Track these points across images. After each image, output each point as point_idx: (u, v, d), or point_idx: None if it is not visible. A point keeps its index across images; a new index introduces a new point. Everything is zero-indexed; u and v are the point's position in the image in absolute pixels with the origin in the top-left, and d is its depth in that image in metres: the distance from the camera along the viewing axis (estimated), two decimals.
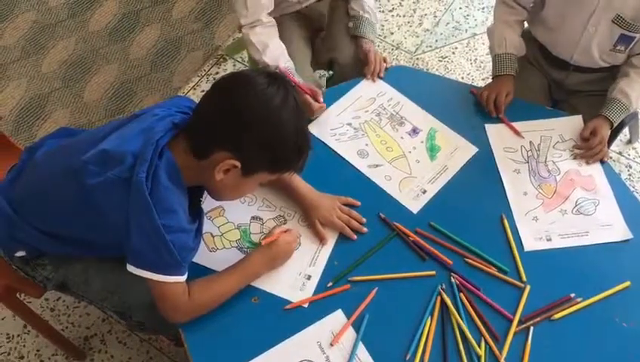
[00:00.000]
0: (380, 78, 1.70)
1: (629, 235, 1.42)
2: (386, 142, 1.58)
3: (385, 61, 1.72)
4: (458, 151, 1.57)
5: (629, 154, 2.35)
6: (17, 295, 1.57)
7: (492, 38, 1.75)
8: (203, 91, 2.44)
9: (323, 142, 1.55)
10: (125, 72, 2.47)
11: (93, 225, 1.23)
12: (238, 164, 1.15)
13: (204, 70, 2.50)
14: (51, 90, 2.41)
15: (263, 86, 1.13)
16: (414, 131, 1.60)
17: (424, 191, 1.49)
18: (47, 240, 1.30)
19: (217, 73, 2.49)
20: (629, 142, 2.35)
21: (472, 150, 1.57)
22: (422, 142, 1.59)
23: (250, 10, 1.65)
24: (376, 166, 1.53)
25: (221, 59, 2.53)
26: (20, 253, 1.34)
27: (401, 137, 1.59)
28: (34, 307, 1.81)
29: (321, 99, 1.59)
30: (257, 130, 1.13)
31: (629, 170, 2.31)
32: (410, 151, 1.57)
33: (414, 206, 1.46)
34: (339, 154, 1.54)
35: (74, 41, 2.54)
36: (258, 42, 1.66)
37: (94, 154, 1.17)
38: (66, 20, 2.60)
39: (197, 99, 2.32)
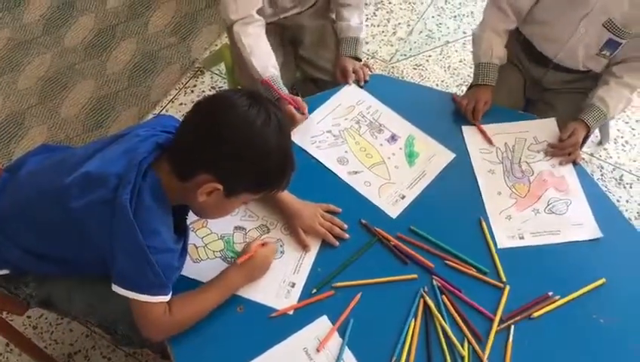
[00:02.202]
0: (363, 84, 1.73)
1: (598, 234, 1.46)
2: (365, 148, 1.61)
3: (367, 66, 1.76)
4: (436, 157, 1.60)
5: (600, 155, 2.41)
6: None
7: (479, 45, 1.75)
8: (181, 104, 2.45)
9: (304, 149, 1.57)
10: (102, 87, 2.47)
11: (78, 246, 1.23)
12: (220, 186, 1.15)
13: (182, 83, 2.51)
14: (28, 106, 2.39)
15: (245, 108, 1.13)
16: (393, 138, 1.63)
17: (403, 197, 1.52)
18: (30, 259, 1.29)
19: (195, 86, 2.50)
20: (600, 143, 2.41)
21: (450, 156, 1.61)
22: (400, 148, 1.62)
23: (239, 3, 1.66)
24: (356, 172, 1.55)
25: (198, 72, 2.55)
26: (3, 272, 1.34)
27: (380, 144, 1.62)
28: (16, 325, 1.79)
29: (306, 111, 1.61)
30: (239, 153, 1.13)
31: (600, 171, 2.37)
32: (389, 158, 1.60)
33: (393, 211, 1.49)
34: (319, 161, 1.56)
35: (50, 57, 2.54)
36: (248, 43, 1.68)
37: (77, 177, 1.17)
38: (41, 37, 2.59)
39: (175, 113, 2.40)
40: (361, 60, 1.81)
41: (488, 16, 1.75)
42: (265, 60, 1.68)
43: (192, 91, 2.49)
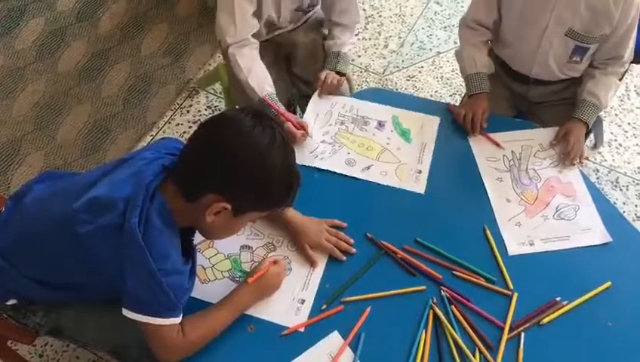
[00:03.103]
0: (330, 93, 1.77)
1: (608, 238, 1.48)
2: (363, 144, 1.65)
3: (348, 80, 1.81)
4: (425, 126, 1.69)
5: (595, 159, 2.44)
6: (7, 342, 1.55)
7: (462, 61, 1.82)
8: (178, 125, 2.46)
9: (307, 166, 1.58)
10: (98, 111, 2.47)
11: (87, 272, 1.23)
12: (228, 206, 1.16)
13: (178, 103, 2.52)
14: (24, 133, 2.39)
15: (250, 127, 1.14)
16: (380, 125, 1.69)
17: (419, 172, 1.59)
18: (38, 288, 1.29)
19: (191, 106, 2.51)
20: (595, 146, 2.44)
21: (436, 120, 1.70)
22: (392, 131, 1.68)
23: (238, 28, 1.68)
24: (368, 167, 1.59)
25: (193, 92, 2.55)
26: (11, 301, 1.33)
27: (373, 134, 1.67)
28: (22, 353, 1.78)
29: (309, 130, 1.63)
30: (246, 172, 1.14)
31: (596, 174, 2.40)
32: (387, 143, 1.65)
33: (419, 187, 1.56)
34: (322, 176, 1.57)
35: (44, 83, 2.54)
36: (244, 64, 1.70)
37: (85, 202, 1.17)
38: (35, 63, 2.59)
39: (173, 133, 2.40)
40: (344, 75, 1.83)
41: (462, 35, 1.84)
42: (261, 79, 1.70)
43: (188, 111, 2.49)
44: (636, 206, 2.32)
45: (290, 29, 1.92)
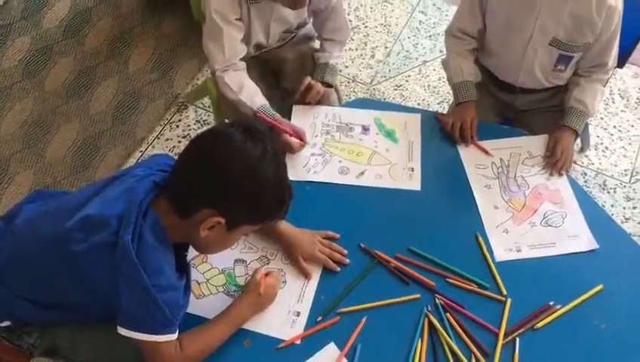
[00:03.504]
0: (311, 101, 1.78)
1: (594, 245, 1.49)
2: (352, 150, 1.67)
3: (336, 90, 1.84)
4: (408, 124, 1.73)
5: (582, 162, 2.47)
6: None
7: (448, 70, 1.84)
8: (167, 140, 2.46)
9: (301, 181, 1.58)
10: (87, 128, 2.47)
11: (82, 291, 1.22)
12: (222, 220, 1.16)
13: (167, 119, 2.52)
14: (12, 152, 2.38)
15: (240, 141, 1.15)
16: (365, 129, 1.72)
17: (412, 169, 1.62)
18: (32, 308, 1.28)
19: (180, 120, 2.51)
20: (581, 150, 2.46)
21: (417, 117, 1.74)
22: (377, 133, 1.71)
23: (227, 55, 1.70)
24: (362, 173, 1.62)
25: (182, 107, 2.56)
26: (5, 323, 1.32)
27: (360, 139, 1.69)
28: None
29: (306, 138, 1.65)
30: (239, 186, 1.14)
31: (584, 177, 2.42)
32: (376, 146, 1.68)
33: (414, 185, 1.59)
34: (314, 189, 1.58)
35: (31, 101, 2.53)
36: (233, 83, 1.71)
37: (77, 221, 1.17)
38: (21, 81, 2.59)
39: (162, 149, 2.40)
40: (331, 86, 1.85)
41: (448, 44, 1.86)
42: (252, 93, 1.71)
43: (178, 126, 2.50)
44: (624, 208, 2.35)
45: (278, 46, 1.93)
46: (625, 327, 1.37)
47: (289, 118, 1.74)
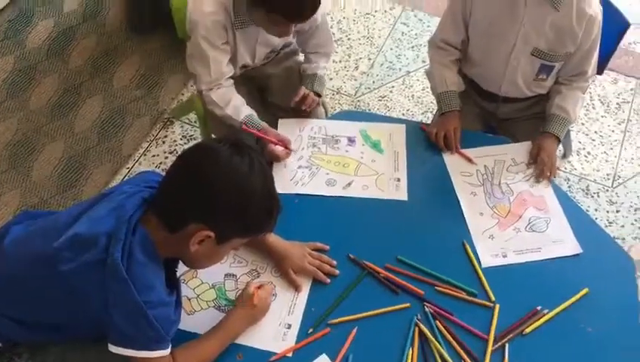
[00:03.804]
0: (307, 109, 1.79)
1: (579, 250, 1.52)
2: (339, 162, 1.69)
3: (324, 107, 1.84)
4: (393, 135, 1.75)
5: (565, 168, 2.50)
6: None
7: (432, 80, 1.86)
8: (154, 156, 2.46)
9: (288, 193, 1.59)
10: (72, 147, 2.46)
11: (72, 310, 1.22)
12: (212, 234, 1.17)
13: (153, 135, 2.52)
14: None
15: (227, 156, 1.16)
16: (351, 140, 1.73)
17: (398, 180, 1.64)
18: (23, 330, 1.28)
19: (166, 136, 2.52)
20: (564, 156, 2.50)
21: (402, 128, 1.77)
22: (363, 145, 1.72)
23: (213, 76, 1.71)
24: (349, 184, 1.63)
25: (168, 123, 2.56)
26: None
27: (346, 151, 1.71)
28: None
29: (291, 147, 1.66)
30: (227, 200, 1.15)
31: (567, 183, 2.46)
32: (362, 157, 1.69)
33: (401, 195, 1.61)
34: (303, 201, 1.59)
35: (16, 121, 2.52)
36: (219, 99, 1.72)
37: (66, 240, 1.17)
38: (6, 101, 2.58)
39: (149, 165, 2.40)
40: (320, 96, 1.86)
41: (432, 55, 1.89)
42: (238, 104, 1.73)
43: (164, 142, 2.50)
44: (607, 212, 2.38)
45: (263, 63, 1.95)
46: (611, 330, 1.40)
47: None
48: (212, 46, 1.68)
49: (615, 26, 1.83)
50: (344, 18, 3.01)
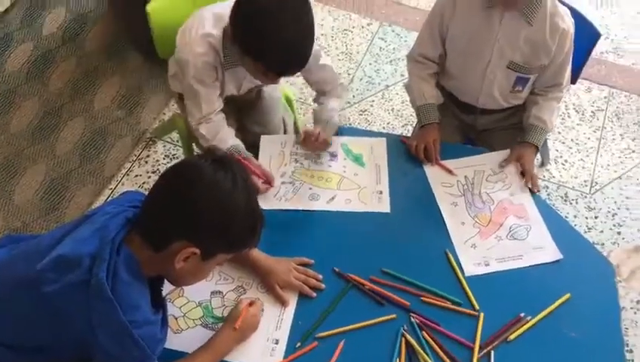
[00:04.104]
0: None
1: (559, 256, 1.54)
2: (321, 176, 1.71)
3: (326, 142, 1.73)
4: (374, 148, 1.77)
5: (544, 176, 2.55)
6: None
7: (411, 93, 1.90)
8: (137, 176, 2.46)
9: (272, 209, 1.61)
10: (54, 169, 2.45)
11: (56, 332, 1.21)
12: (197, 250, 1.17)
13: (135, 155, 2.52)
14: None
15: (211, 173, 1.16)
16: (332, 155, 1.75)
17: (380, 192, 1.66)
18: (6, 353, 1.26)
19: (148, 156, 2.52)
20: (542, 165, 2.54)
21: (383, 141, 1.79)
22: (345, 159, 1.75)
23: (204, 113, 1.71)
24: (332, 198, 1.65)
25: (150, 142, 2.57)
26: None
27: (329, 166, 1.73)
28: None
29: (274, 183, 1.66)
30: (212, 216, 1.16)
31: (546, 191, 2.50)
32: (344, 171, 1.71)
33: (383, 207, 1.63)
34: (286, 217, 1.60)
35: None
36: (208, 132, 1.72)
37: (50, 261, 1.17)
38: None
39: (132, 185, 2.40)
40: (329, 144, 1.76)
41: (410, 68, 1.92)
42: (225, 136, 1.73)
43: (147, 162, 2.50)
44: (586, 218, 2.43)
45: (247, 92, 1.95)
46: (594, 334, 1.42)
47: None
48: (203, 84, 1.68)
49: (587, 37, 1.89)
50: (322, 35, 3.04)
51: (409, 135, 2.04)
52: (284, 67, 1.60)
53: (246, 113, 1.98)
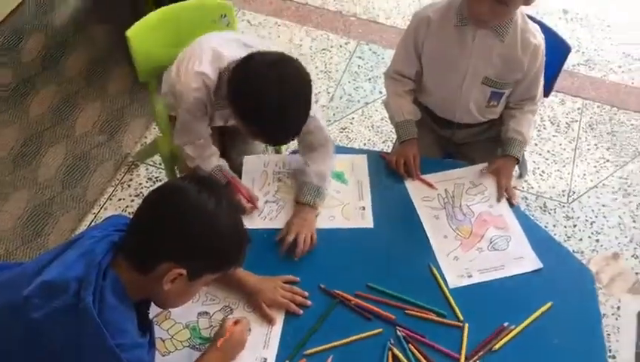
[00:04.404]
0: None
1: (539, 265, 1.58)
2: None
3: (312, 241, 1.60)
4: (355, 165, 1.80)
5: (523, 188, 2.59)
6: None
7: (390, 110, 1.94)
8: (120, 200, 2.46)
9: (258, 228, 1.62)
10: (36, 196, 2.45)
11: (41, 357, 1.21)
12: (184, 271, 1.18)
13: (117, 179, 2.53)
14: None
15: (195, 194, 1.18)
16: None
17: (363, 208, 1.68)
18: None
19: (131, 180, 2.52)
20: (520, 176, 2.59)
21: (364, 158, 1.82)
22: None
23: (191, 138, 1.74)
24: (316, 216, 1.66)
25: (132, 166, 2.57)
26: None
27: None
28: None
29: (258, 204, 1.67)
30: (198, 237, 1.17)
31: (525, 201, 2.55)
32: (326, 189, 1.72)
33: (366, 223, 1.65)
34: (275, 232, 1.62)
35: None
36: (193, 152, 1.74)
37: (36, 287, 1.17)
38: None
39: (115, 210, 2.41)
40: (315, 208, 1.66)
41: (387, 86, 1.97)
42: (210, 157, 1.74)
43: (129, 186, 2.51)
44: (565, 227, 2.48)
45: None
46: (576, 340, 1.45)
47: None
48: (193, 116, 1.70)
49: (558, 51, 1.95)
50: (301, 55, 3.08)
51: (389, 150, 2.08)
52: (276, 142, 1.67)
53: (230, 140, 1.99)
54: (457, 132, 1.98)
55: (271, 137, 1.63)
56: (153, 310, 1.36)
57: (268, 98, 1.49)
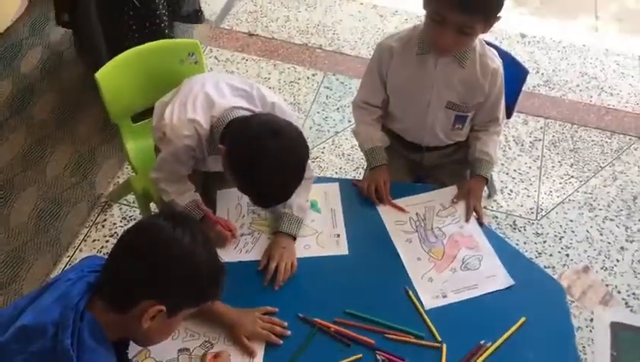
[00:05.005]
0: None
1: (510, 282, 1.62)
2: None
3: (292, 268, 1.64)
4: (328, 193, 1.83)
5: (492, 207, 2.65)
6: None
7: (359, 138, 1.99)
8: (94, 241, 2.45)
9: (233, 261, 1.64)
10: (9, 241, 2.42)
11: None
12: (163, 307, 1.19)
13: (91, 220, 2.52)
14: None
15: (169, 231, 1.20)
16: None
17: (338, 235, 1.71)
18: None
19: (105, 220, 2.52)
20: (489, 196, 2.65)
21: (336, 186, 1.85)
22: None
23: (170, 178, 1.74)
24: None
25: (106, 206, 2.57)
26: None
27: None
28: None
29: (237, 233, 1.69)
30: (175, 273, 1.18)
31: (496, 220, 2.61)
32: None
33: (341, 250, 1.69)
34: (251, 264, 1.64)
35: None
36: (168, 187, 1.74)
37: (13, 333, 1.17)
38: None
39: (90, 251, 2.39)
40: (295, 238, 1.70)
41: (356, 115, 2.02)
42: (185, 192, 1.75)
43: (103, 226, 2.50)
44: (535, 243, 2.54)
45: None
46: (550, 353, 1.49)
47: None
48: (177, 161, 1.70)
49: (517, 74, 2.03)
50: (270, 88, 3.13)
51: (361, 178, 2.12)
52: (265, 207, 1.70)
53: (212, 182, 1.96)
54: (427, 155, 2.04)
55: (262, 203, 1.63)
56: (132, 349, 1.36)
57: (266, 174, 1.48)
